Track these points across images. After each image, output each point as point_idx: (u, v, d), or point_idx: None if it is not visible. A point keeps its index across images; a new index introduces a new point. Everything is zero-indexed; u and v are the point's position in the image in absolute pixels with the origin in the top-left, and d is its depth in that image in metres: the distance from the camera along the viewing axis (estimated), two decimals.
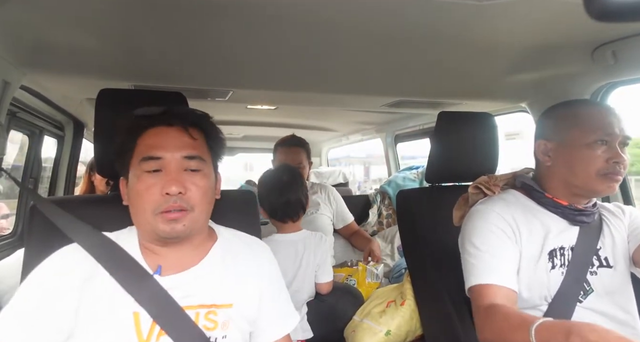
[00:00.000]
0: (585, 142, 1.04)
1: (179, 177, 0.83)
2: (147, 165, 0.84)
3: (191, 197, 0.84)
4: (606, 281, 1.07)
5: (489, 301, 0.98)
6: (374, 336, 1.49)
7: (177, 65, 1.41)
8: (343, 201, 2.38)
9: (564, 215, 1.10)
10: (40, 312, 0.78)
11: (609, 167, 1.02)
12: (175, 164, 0.84)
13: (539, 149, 1.14)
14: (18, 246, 1.84)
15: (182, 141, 0.86)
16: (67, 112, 2.04)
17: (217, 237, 0.96)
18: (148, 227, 0.84)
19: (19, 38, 1.10)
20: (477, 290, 1.02)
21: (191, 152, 0.86)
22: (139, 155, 0.85)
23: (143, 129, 0.88)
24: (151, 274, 0.85)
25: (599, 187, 1.04)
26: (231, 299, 0.89)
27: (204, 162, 0.88)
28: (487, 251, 1.04)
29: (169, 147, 0.84)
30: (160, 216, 0.82)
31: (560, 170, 1.09)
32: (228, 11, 0.95)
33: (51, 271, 0.83)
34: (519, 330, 0.82)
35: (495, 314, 0.94)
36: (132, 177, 0.86)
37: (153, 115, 0.89)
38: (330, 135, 3.77)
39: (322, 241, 1.68)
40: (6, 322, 0.77)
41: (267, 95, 2.02)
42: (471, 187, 1.23)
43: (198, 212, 0.85)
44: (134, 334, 0.80)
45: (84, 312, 0.79)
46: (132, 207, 0.87)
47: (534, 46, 1.20)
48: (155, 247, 0.88)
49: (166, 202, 0.81)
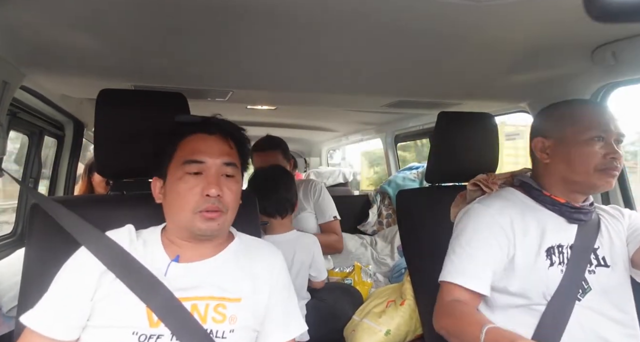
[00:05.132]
0: (583, 138, 1.07)
1: (218, 181, 0.91)
2: (190, 168, 0.92)
3: (226, 200, 0.92)
4: (604, 280, 1.08)
5: (454, 297, 1.05)
6: (374, 336, 1.49)
7: (177, 66, 1.41)
8: (328, 196, 2.20)
9: (562, 213, 1.12)
10: (64, 298, 0.86)
11: (606, 163, 1.05)
12: (216, 169, 0.93)
13: (536, 146, 1.17)
14: (18, 245, 1.84)
15: (222, 149, 0.95)
16: (67, 113, 2.04)
17: (235, 238, 1.03)
18: (185, 224, 0.91)
19: (19, 38, 1.10)
20: (447, 286, 1.08)
21: (229, 159, 0.95)
22: (181, 159, 0.93)
23: (185, 135, 0.96)
24: (170, 260, 0.92)
25: (597, 182, 1.07)
26: (240, 294, 0.93)
27: (237, 169, 0.97)
28: (469, 253, 1.08)
29: (211, 153, 0.93)
30: (199, 215, 0.90)
31: (558, 167, 1.11)
32: (228, 11, 0.95)
33: (75, 263, 0.91)
34: (473, 325, 0.91)
35: (455, 308, 1.02)
36: (172, 178, 0.93)
37: (195, 122, 0.98)
38: (330, 135, 3.77)
39: (315, 243, 1.72)
40: (36, 311, 0.85)
41: (267, 95, 2.02)
42: (470, 184, 1.24)
43: (230, 214, 0.94)
44: (145, 320, 0.85)
45: (99, 301, 0.86)
46: (170, 206, 0.94)
47: (533, 47, 1.20)
48: (179, 241, 0.95)
49: (206, 203, 0.89)
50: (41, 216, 1.01)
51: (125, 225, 0.97)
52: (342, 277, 2.08)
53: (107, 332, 0.85)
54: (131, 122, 1.13)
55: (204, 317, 0.88)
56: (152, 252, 0.93)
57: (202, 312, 0.88)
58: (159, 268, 0.91)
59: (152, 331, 0.84)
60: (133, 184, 1.19)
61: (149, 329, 0.84)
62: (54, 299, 0.87)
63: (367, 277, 2.09)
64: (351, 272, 2.09)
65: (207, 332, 0.86)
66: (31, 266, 1.03)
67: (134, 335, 0.84)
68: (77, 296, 0.86)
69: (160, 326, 0.85)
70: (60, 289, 0.88)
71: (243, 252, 1.00)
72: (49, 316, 0.85)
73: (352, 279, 2.05)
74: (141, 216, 1.02)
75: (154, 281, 0.88)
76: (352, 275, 2.06)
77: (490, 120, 1.57)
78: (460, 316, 1.00)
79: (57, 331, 0.84)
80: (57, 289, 0.88)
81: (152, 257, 0.93)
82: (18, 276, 1.03)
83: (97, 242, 0.91)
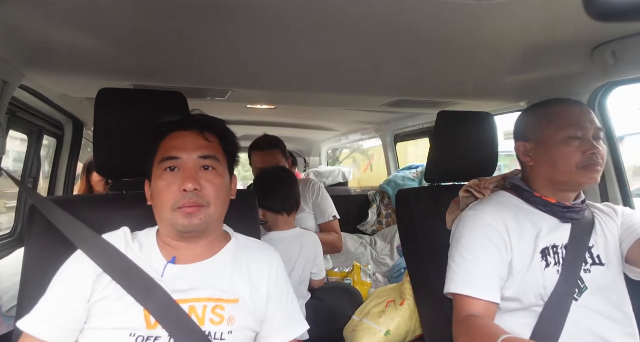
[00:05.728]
0: (560, 138, 1.09)
1: (194, 175, 0.91)
2: (166, 164, 0.92)
3: (206, 194, 0.91)
4: (599, 279, 1.08)
5: (468, 312, 1.03)
6: (374, 336, 1.49)
7: (176, 65, 1.41)
8: (327, 196, 2.21)
9: (554, 213, 1.12)
10: (60, 302, 0.86)
11: (586, 159, 1.06)
12: (192, 164, 0.92)
13: (519, 150, 1.19)
14: (17, 245, 1.84)
15: (198, 143, 0.94)
16: (66, 112, 2.03)
17: (232, 238, 1.02)
18: (168, 222, 0.91)
19: (18, 38, 1.10)
20: (457, 299, 1.07)
21: (207, 152, 0.94)
22: (160, 157, 0.94)
23: (165, 134, 0.97)
24: (167, 262, 0.92)
25: (582, 179, 1.08)
26: (238, 295, 0.92)
27: (219, 162, 0.95)
28: (472, 261, 1.07)
29: (186, 149, 0.93)
30: (178, 212, 0.89)
31: (543, 168, 1.13)
32: (228, 11, 0.95)
33: (71, 266, 0.91)
34: (487, 338, 0.91)
35: (470, 325, 1.01)
36: (154, 177, 0.94)
37: (174, 121, 0.98)
38: (329, 135, 3.77)
39: (317, 241, 1.77)
40: (33, 316, 0.85)
41: (267, 94, 2.01)
42: (462, 190, 1.25)
43: (213, 208, 0.92)
44: (143, 321, 0.85)
45: (96, 303, 0.86)
46: (155, 205, 0.95)
47: (533, 46, 1.20)
48: (173, 242, 0.95)
49: (183, 198, 0.89)
50: (40, 216, 1.01)
51: (122, 227, 0.97)
52: (342, 277, 2.09)
53: (104, 335, 0.85)
54: (130, 122, 1.13)
55: (202, 319, 0.88)
56: (148, 254, 0.93)
57: (200, 314, 0.88)
58: (155, 270, 0.91)
59: (150, 333, 0.84)
60: (132, 183, 1.19)
61: (146, 331, 0.84)
62: (50, 304, 0.86)
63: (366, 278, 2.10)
64: (351, 272, 2.09)
65: (205, 334, 0.86)
66: (30, 266, 1.03)
67: (131, 337, 0.84)
68: (74, 300, 0.86)
69: (157, 328, 0.84)
70: (56, 294, 0.87)
71: (240, 253, 0.99)
72: (45, 321, 0.85)
73: (352, 279, 2.05)
74: (140, 216, 1.02)
75: (151, 283, 0.88)
76: (351, 275, 2.06)
77: (490, 119, 1.57)
78: (475, 331, 0.99)
79: (54, 335, 0.84)
80: (54, 293, 0.88)
81: (149, 259, 0.92)
82: (18, 276, 1.03)
83: (93, 244, 0.91)
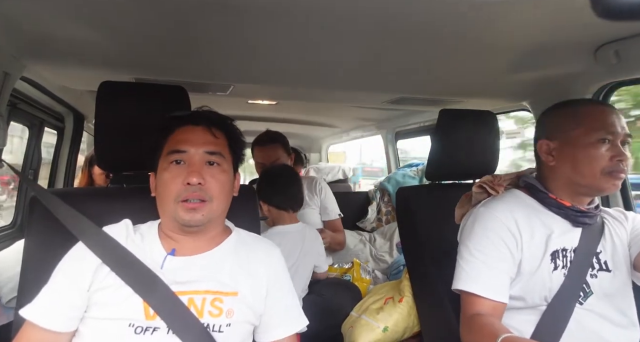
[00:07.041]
0: (589, 140, 1.04)
1: (199, 169, 0.92)
2: (173, 157, 0.93)
3: (210, 188, 0.92)
4: (605, 285, 1.07)
5: (475, 310, 1.03)
6: (372, 332, 1.50)
7: (178, 59, 1.40)
8: (331, 194, 2.29)
9: (567, 216, 1.10)
10: (61, 291, 0.88)
11: (613, 165, 1.03)
12: (198, 158, 0.93)
13: (541, 149, 1.14)
14: (17, 237, 1.84)
15: (206, 138, 0.95)
16: (67, 104, 2.03)
17: (232, 232, 1.03)
18: (170, 214, 0.92)
19: (19, 29, 1.09)
20: (465, 297, 1.07)
21: (213, 148, 0.95)
22: (167, 150, 0.95)
23: (173, 129, 0.97)
24: (166, 253, 0.93)
25: (604, 185, 1.04)
26: (237, 288, 0.93)
27: (224, 159, 0.97)
28: (481, 259, 1.06)
29: (193, 143, 0.94)
30: (181, 205, 0.90)
31: (564, 169, 1.09)
32: (230, 5, 0.95)
33: (72, 257, 0.92)
34: (488, 337, 0.91)
35: (475, 323, 1.01)
36: (160, 169, 0.95)
37: (183, 116, 1.00)
38: (330, 131, 3.76)
39: (318, 236, 1.83)
40: (35, 304, 0.87)
41: (268, 90, 2.01)
42: (475, 186, 1.22)
43: (216, 203, 0.93)
44: (141, 312, 0.86)
45: (95, 292, 0.87)
46: (158, 197, 0.96)
47: (535, 45, 1.19)
48: (173, 234, 0.96)
49: (187, 191, 0.90)
50: (40, 207, 1.01)
51: (123, 219, 0.98)
52: (341, 274, 2.09)
53: (103, 324, 0.86)
54: (131, 115, 1.13)
55: (201, 311, 0.88)
56: (149, 246, 0.94)
57: (199, 306, 0.89)
58: (155, 261, 0.92)
59: (148, 323, 0.85)
60: (133, 177, 1.19)
61: (145, 321, 0.85)
62: (51, 292, 0.88)
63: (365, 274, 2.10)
64: (350, 268, 2.10)
65: (204, 326, 0.87)
66: (30, 258, 1.03)
67: (130, 327, 0.85)
68: (74, 288, 0.87)
69: (156, 319, 0.85)
70: (57, 283, 0.89)
71: (240, 246, 1.00)
72: (47, 309, 0.86)
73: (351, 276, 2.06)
74: (141, 209, 1.02)
75: (150, 274, 0.88)
76: (350, 271, 2.07)
77: (492, 118, 1.57)
78: (478, 330, 0.98)
79: (56, 323, 0.85)
80: (55, 282, 0.89)
81: (149, 250, 0.93)
82: (18, 267, 1.03)
83: (93, 236, 0.92)
